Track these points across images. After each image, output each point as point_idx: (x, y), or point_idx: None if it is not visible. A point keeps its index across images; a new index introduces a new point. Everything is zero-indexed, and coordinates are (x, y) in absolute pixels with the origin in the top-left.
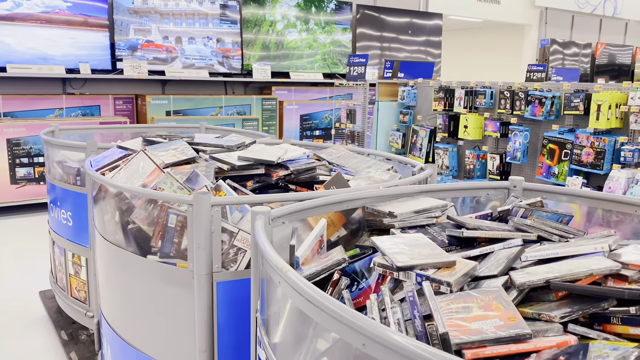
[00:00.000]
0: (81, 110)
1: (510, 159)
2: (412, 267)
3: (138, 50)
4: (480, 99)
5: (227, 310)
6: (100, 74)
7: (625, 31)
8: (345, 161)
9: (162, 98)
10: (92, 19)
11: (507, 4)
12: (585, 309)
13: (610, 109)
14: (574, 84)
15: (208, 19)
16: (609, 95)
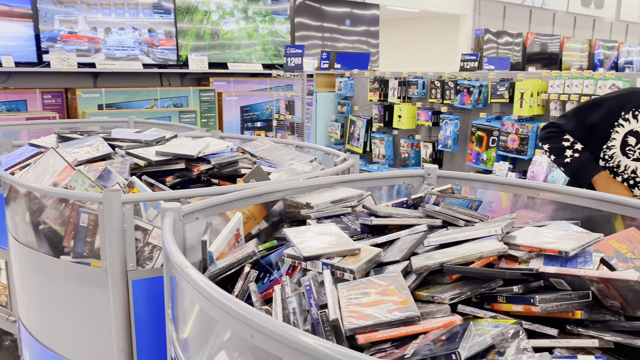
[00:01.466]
0: (5, 106)
1: (442, 147)
2: (318, 256)
3: (64, 42)
4: (412, 89)
5: (144, 308)
6: (25, 67)
7: (554, 21)
8: (269, 154)
9: (94, 91)
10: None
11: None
12: (474, 290)
13: (532, 96)
14: (500, 72)
15: (139, 8)
16: (531, 83)
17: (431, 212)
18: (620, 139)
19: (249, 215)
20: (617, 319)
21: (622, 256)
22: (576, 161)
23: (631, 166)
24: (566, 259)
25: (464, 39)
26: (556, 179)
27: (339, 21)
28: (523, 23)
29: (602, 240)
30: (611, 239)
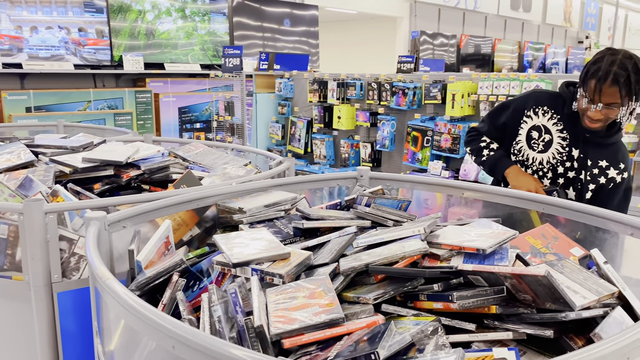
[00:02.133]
0: None
1: (380, 147)
2: (247, 262)
3: None
4: (351, 90)
5: (72, 320)
6: None
7: (485, 24)
8: (202, 158)
9: (21, 93)
10: None
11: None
12: (397, 289)
13: (463, 98)
14: (433, 74)
15: (67, 6)
16: (462, 85)
17: (362, 213)
18: (525, 134)
19: (180, 222)
20: (529, 312)
21: (537, 251)
22: (491, 158)
23: (537, 158)
24: (484, 256)
25: (401, 40)
26: (486, 176)
27: (278, 21)
28: (457, 25)
29: (518, 236)
30: (527, 235)
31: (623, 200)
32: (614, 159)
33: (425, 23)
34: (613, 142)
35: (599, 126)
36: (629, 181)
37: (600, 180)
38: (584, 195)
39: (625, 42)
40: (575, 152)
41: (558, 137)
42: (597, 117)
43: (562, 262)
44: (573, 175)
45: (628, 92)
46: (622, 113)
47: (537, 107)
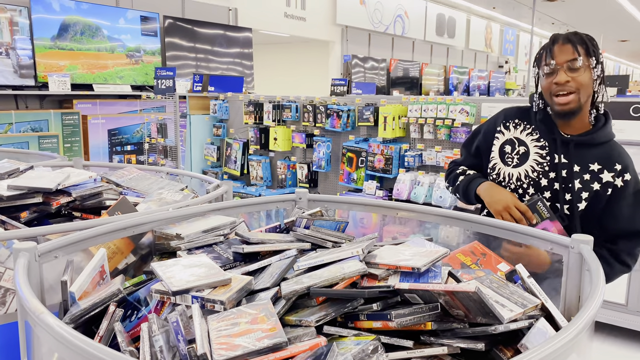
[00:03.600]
0: None
1: (316, 168)
2: (187, 289)
3: None
4: (286, 112)
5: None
6: None
7: (413, 49)
8: (136, 183)
9: None
10: None
11: (312, 21)
12: (338, 310)
13: (394, 120)
14: (365, 97)
15: None
16: (392, 108)
17: (301, 235)
18: (498, 150)
19: (115, 250)
20: (462, 327)
21: (467, 268)
22: (463, 181)
23: (514, 173)
24: (419, 274)
25: (334, 63)
26: (418, 195)
27: (211, 42)
28: (387, 50)
29: (450, 254)
30: (458, 252)
31: (635, 206)
32: (607, 160)
33: (356, 47)
34: (603, 140)
35: (570, 99)
36: (638, 184)
37: (593, 187)
38: (576, 207)
39: None
40: (558, 158)
41: (535, 147)
42: (563, 79)
43: (490, 278)
44: (560, 186)
45: (586, 50)
46: (589, 76)
47: (507, 122)
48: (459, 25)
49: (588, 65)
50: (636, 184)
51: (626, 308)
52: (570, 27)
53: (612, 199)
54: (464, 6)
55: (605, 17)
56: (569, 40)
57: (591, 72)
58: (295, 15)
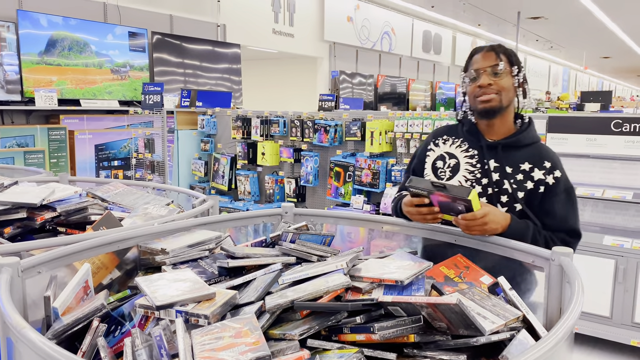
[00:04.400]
0: None
1: (304, 182)
2: (171, 304)
3: None
4: (274, 127)
5: None
6: None
7: (400, 65)
8: (122, 198)
9: None
10: None
11: (300, 38)
12: (322, 324)
13: (381, 135)
14: (353, 112)
15: None
16: (379, 123)
17: (287, 249)
18: (430, 166)
19: (100, 265)
20: (445, 339)
21: (450, 281)
22: (395, 199)
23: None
24: (402, 287)
25: (322, 79)
26: None
27: (200, 58)
28: (374, 66)
29: (433, 267)
30: (441, 265)
31: (568, 204)
32: (537, 159)
33: (344, 63)
34: (529, 141)
35: (492, 98)
36: (567, 181)
37: (527, 186)
38: (513, 208)
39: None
40: (489, 163)
41: (465, 157)
42: (486, 82)
43: (472, 290)
44: (495, 190)
45: (508, 59)
46: (510, 81)
47: (436, 139)
48: (445, 42)
49: (510, 72)
50: (566, 181)
51: (611, 320)
52: (554, 43)
53: (545, 197)
54: (450, 23)
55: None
56: (492, 49)
57: (512, 79)
58: (284, 31)
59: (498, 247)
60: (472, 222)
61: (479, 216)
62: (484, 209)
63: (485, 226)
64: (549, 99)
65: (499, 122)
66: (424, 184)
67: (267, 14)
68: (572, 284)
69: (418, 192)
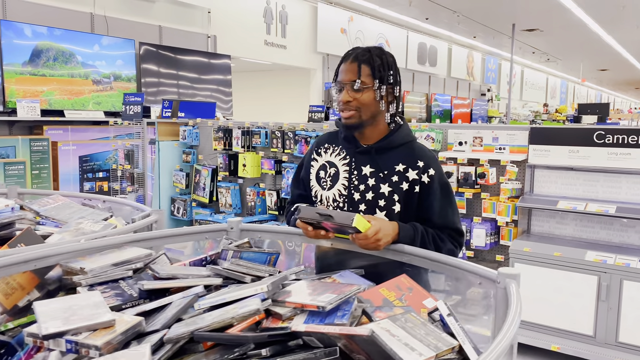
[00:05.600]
0: None
1: (285, 195)
2: (61, 333)
3: None
4: (256, 138)
5: None
6: None
7: None
8: (57, 212)
9: None
10: None
11: (293, 49)
12: (223, 357)
13: None
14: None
15: None
16: None
17: (218, 269)
18: (314, 177)
19: (15, 286)
20: None
21: (389, 304)
22: (290, 213)
23: (330, 196)
24: (326, 313)
25: (315, 90)
26: None
27: (189, 69)
28: None
29: (373, 288)
30: (382, 287)
31: (444, 200)
32: (410, 159)
33: None
34: (401, 141)
35: (352, 114)
36: (442, 178)
37: (403, 187)
38: (392, 210)
39: (522, 94)
40: (365, 169)
41: (343, 165)
42: (345, 98)
43: (406, 317)
44: (372, 195)
45: (371, 71)
46: (372, 96)
47: (319, 148)
48: (440, 53)
49: (371, 86)
50: (441, 177)
51: (594, 340)
52: (550, 56)
53: (422, 196)
54: (445, 35)
55: (584, 46)
56: (356, 59)
57: (374, 93)
58: (276, 43)
59: (447, 267)
60: (365, 242)
61: (370, 235)
62: (374, 227)
63: (378, 242)
64: (547, 111)
65: (370, 130)
66: (311, 215)
67: (259, 25)
68: (508, 311)
69: (308, 222)
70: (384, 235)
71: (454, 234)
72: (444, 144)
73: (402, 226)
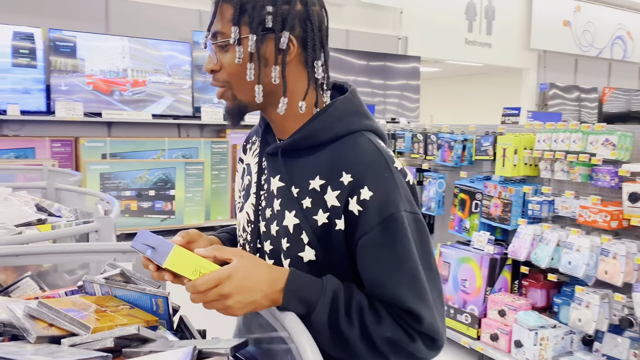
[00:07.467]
0: (14, 153)
1: (426, 210)
2: None
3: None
4: (400, 142)
5: None
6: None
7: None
8: None
9: (98, 140)
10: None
11: (499, 47)
12: None
13: (516, 153)
14: (482, 125)
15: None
16: (514, 138)
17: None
18: (237, 186)
19: None
20: None
21: None
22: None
23: (241, 221)
24: None
25: (528, 93)
26: (540, 257)
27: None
28: (600, 77)
29: None
30: None
31: (386, 253)
32: (333, 169)
33: (556, 75)
34: (322, 138)
35: (221, 93)
36: (391, 206)
37: (318, 221)
38: (299, 259)
39: None
40: (274, 181)
41: (255, 172)
42: (206, 65)
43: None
44: (276, 230)
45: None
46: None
47: (247, 143)
48: None
49: (237, 37)
50: (386, 206)
51: None
52: None
53: (349, 240)
54: None
55: None
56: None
57: (246, 50)
58: (479, 41)
59: None
60: (196, 296)
61: (200, 288)
62: (219, 273)
63: (224, 302)
64: None
65: (275, 116)
66: (138, 245)
67: (458, 22)
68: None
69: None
70: (239, 289)
71: (404, 316)
72: (634, 153)
73: (295, 278)
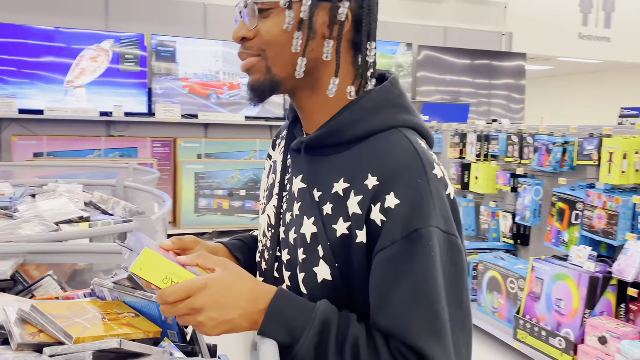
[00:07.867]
0: (119, 152)
1: (520, 220)
2: None
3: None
4: (493, 145)
5: None
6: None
7: None
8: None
9: (194, 141)
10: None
11: (620, 42)
12: None
13: (626, 158)
14: (585, 127)
15: None
16: (623, 141)
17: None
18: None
19: None
20: None
21: None
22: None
23: (262, 224)
24: None
25: None
26: None
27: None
28: None
29: None
30: None
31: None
32: (355, 170)
33: None
34: (355, 135)
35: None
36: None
37: (338, 230)
38: (313, 276)
39: None
40: (296, 182)
41: (279, 171)
42: (236, 34)
43: None
44: (294, 238)
45: None
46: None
47: (277, 139)
48: None
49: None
50: (413, 220)
51: None
52: None
53: (367, 256)
54: None
55: None
56: None
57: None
58: (595, 35)
59: None
60: (165, 309)
61: (168, 299)
62: (190, 284)
63: (196, 316)
64: None
65: (307, 101)
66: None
67: (572, 16)
68: None
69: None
70: (213, 304)
71: (410, 357)
72: None
73: (281, 298)
